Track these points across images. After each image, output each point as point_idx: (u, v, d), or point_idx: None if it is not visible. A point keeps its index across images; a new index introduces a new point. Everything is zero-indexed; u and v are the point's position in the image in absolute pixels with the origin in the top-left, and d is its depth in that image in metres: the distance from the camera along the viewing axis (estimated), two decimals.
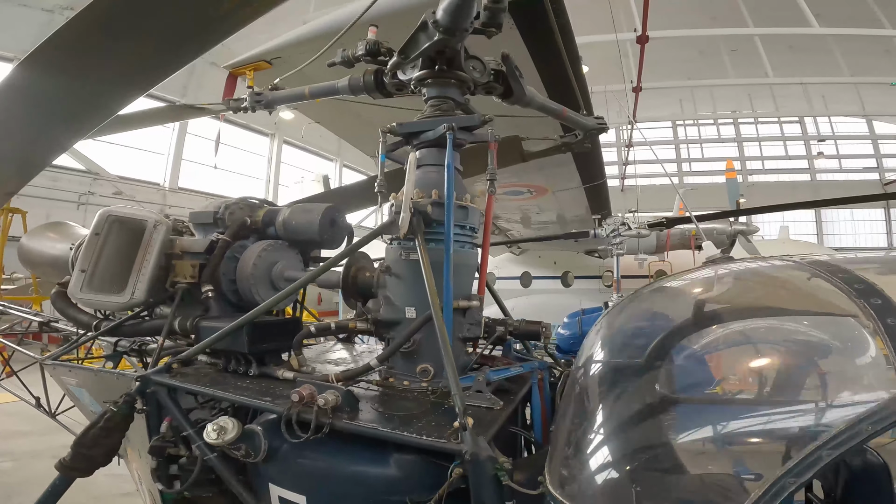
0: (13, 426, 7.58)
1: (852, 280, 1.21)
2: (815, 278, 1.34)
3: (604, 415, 1.54)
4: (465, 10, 1.79)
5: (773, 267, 1.59)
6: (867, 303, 1.11)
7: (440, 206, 1.94)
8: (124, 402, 1.90)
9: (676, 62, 22.42)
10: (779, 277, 1.58)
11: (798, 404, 1.29)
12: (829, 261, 1.39)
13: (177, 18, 1.64)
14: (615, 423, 1.51)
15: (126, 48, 1.75)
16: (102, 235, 2.31)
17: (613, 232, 7.19)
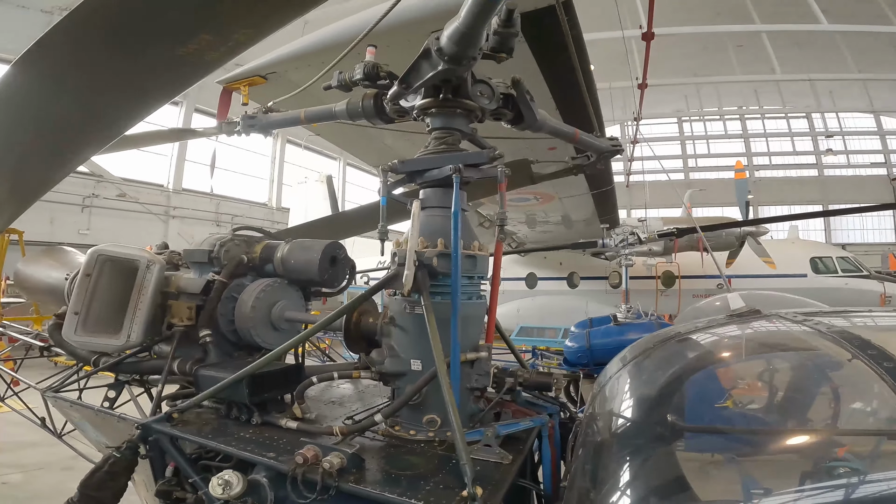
0: (21, 436, 7.46)
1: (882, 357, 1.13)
2: (843, 356, 1.24)
3: (621, 482, 1.45)
4: (473, 38, 1.66)
5: (799, 337, 1.49)
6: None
7: (447, 258, 1.83)
8: (127, 448, 1.90)
9: (682, 58, 22.18)
10: (807, 352, 1.48)
11: (825, 482, 1.20)
12: (857, 333, 1.29)
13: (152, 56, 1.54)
14: (635, 492, 1.42)
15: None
16: (94, 276, 2.22)
17: (622, 242, 7.06)
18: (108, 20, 1.34)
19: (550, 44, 3.27)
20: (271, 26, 1.51)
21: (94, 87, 1.64)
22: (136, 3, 1.30)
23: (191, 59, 1.55)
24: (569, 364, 5.57)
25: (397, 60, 2.25)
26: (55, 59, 1.50)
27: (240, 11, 1.43)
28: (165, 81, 1.74)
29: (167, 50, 1.52)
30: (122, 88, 1.70)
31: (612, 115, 24.52)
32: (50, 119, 1.75)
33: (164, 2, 1.33)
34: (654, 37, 12.01)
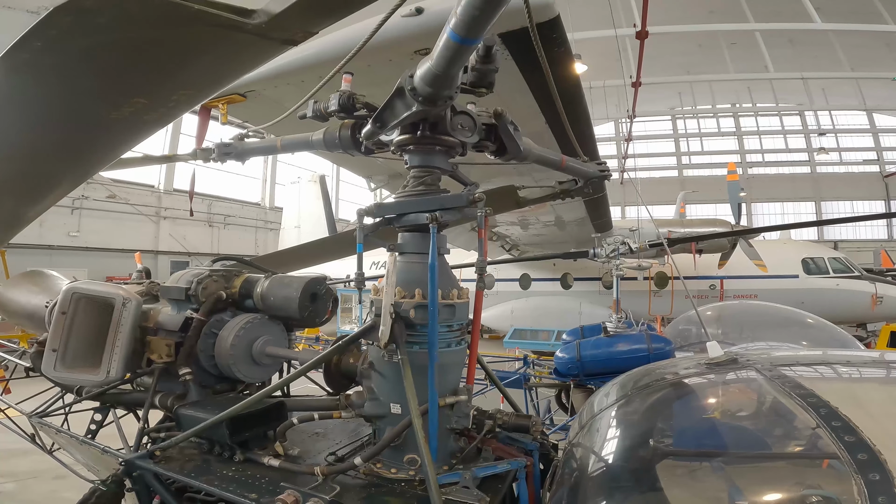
0: (11, 444, 7.41)
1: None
2: (807, 420, 1.28)
3: None
4: (447, 80, 1.60)
5: (765, 393, 1.53)
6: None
7: (424, 309, 1.81)
8: (112, 482, 1.93)
9: (675, 55, 22.21)
10: (768, 410, 1.52)
11: None
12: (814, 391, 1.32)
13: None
14: None
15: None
16: (69, 314, 2.20)
17: (613, 252, 7.08)
18: (38, 78, 1.29)
19: (535, 64, 3.24)
20: (211, 88, 1.47)
21: (32, 148, 1.60)
22: (66, 65, 1.24)
23: (126, 122, 1.50)
24: (559, 374, 5.59)
25: (380, 80, 2.17)
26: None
27: (174, 74, 1.37)
28: (102, 144, 1.70)
29: (101, 112, 1.47)
30: (57, 151, 1.66)
31: (605, 113, 24.59)
32: (9, 169, 1.72)
33: (91, 66, 1.28)
34: (649, 35, 11.98)
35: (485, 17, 1.28)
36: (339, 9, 1.15)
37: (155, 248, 21.75)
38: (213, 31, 1.12)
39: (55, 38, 1.08)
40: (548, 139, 4.64)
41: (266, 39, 1.16)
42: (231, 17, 1.08)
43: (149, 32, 1.15)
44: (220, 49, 1.24)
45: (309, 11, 1.13)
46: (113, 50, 1.20)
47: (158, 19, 1.07)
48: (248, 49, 1.24)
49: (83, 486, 5.53)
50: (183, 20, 1.06)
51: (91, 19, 1.05)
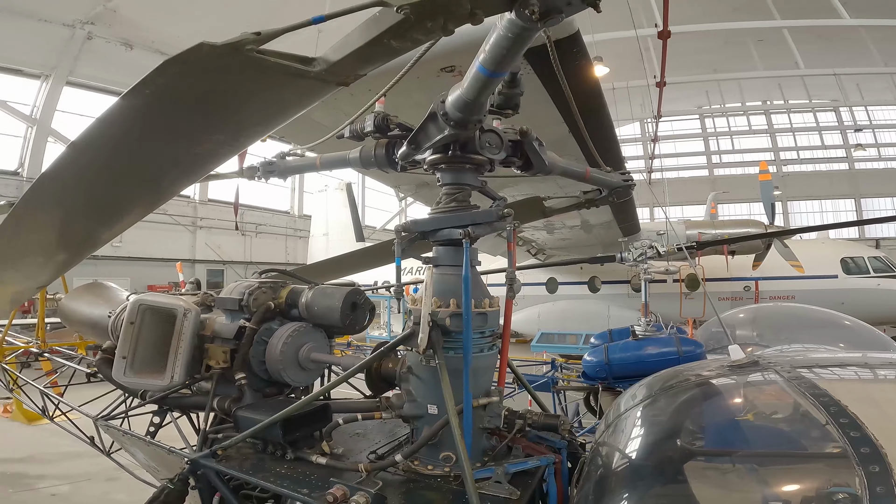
0: (66, 447, 7.73)
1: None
2: (819, 418, 1.36)
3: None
4: (477, 106, 1.76)
5: (782, 394, 1.61)
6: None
7: (459, 317, 1.96)
8: (179, 481, 2.10)
9: (700, 54, 21.76)
10: (783, 411, 1.60)
11: None
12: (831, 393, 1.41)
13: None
14: None
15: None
16: (137, 324, 2.42)
17: (641, 256, 7.07)
18: (139, 120, 1.51)
19: (556, 77, 3.35)
20: (276, 123, 1.67)
21: (114, 177, 1.84)
22: (164, 108, 1.46)
23: (203, 154, 1.74)
24: (587, 378, 5.65)
25: (408, 95, 2.30)
26: (102, 145, 1.68)
27: (249, 113, 1.58)
28: (178, 174, 1.95)
29: (184, 148, 1.70)
30: (137, 182, 1.91)
31: (630, 114, 24.30)
32: (94, 194, 1.95)
33: (184, 109, 1.50)
34: (671, 35, 11.87)
35: (511, 56, 1.44)
36: (384, 56, 1.32)
37: (192, 256, 22.55)
38: (282, 78, 1.31)
39: (160, 85, 1.29)
40: (571, 146, 4.72)
41: (324, 82, 1.35)
42: (297, 66, 1.27)
43: (231, 80, 1.35)
44: (287, 92, 1.44)
45: (360, 59, 1.30)
46: (203, 95, 1.42)
47: (240, 69, 1.27)
48: (310, 90, 1.43)
49: (134, 488, 5.82)
50: (259, 70, 1.25)
51: (190, 70, 1.25)
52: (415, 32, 1.19)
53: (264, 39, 1.19)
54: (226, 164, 3.76)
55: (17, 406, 9.39)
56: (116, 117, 1.47)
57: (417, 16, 1.13)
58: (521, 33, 1.31)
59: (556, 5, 1.16)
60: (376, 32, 1.20)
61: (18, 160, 19.06)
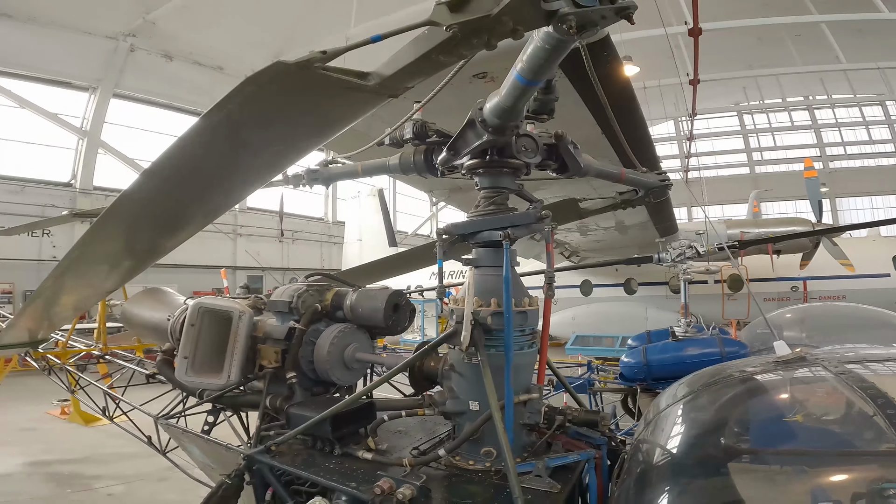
0: (119, 448, 8.14)
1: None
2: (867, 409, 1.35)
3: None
4: (515, 112, 1.84)
5: (830, 388, 1.59)
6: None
7: (500, 316, 2.03)
8: (235, 476, 2.20)
9: (734, 50, 21.11)
10: (831, 404, 1.58)
11: None
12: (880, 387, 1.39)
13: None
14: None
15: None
16: (197, 326, 2.59)
17: (679, 256, 6.90)
18: (213, 138, 1.67)
19: (588, 80, 3.38)
20: (331, 133, 1.80)
21: (179, 189, 2.01)
22: (238, 122, 1.61)
23: (264, 165, 1.91)
24: (625, 379, 5.58)
25: (441, 101, 2.40)
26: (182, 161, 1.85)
27: (309, 124, 1.73)
28: (239, 185, 2.12)
29: (248, 158, 1.86)
30: (200, 192, 2.08)
31: (663, 113, 23.77)
32: (163, 203, 2.12)
33: (254, 122, 1.65)
34: (702, 32, 11.62)
35: (548, 66, 1.52)
36: (432, 70, 1.44)
37: (233, 263, 23.35)
38: (341, 92, 1.44)
39: (239, 102, 1.43)
40: (604, 148, 4.71)
41: (377, 95, 1.47)
42: (355, 80, 1.39)
43: (298, 94, 1.49)
44: (344, 104, 1.57)
45: (410, 73, 1.42)
46: (272, 109, 1.57)
47: (307, 85, 1.41)
48: (363, 102, 1.55)
49: (184, 488, 6.07)
50: (323, 84, 1.39)
51: (265, 86, 1.39)
52: (461, 48, 1.29)
53: (330, 57, 1.31)
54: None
55: (75, 408, 9.90)
56: (194, 136, 1.62)
57: (464, 33, 1.22)
58: (557, 45, 1.39)
59: (591, 19, 1.22)
60: (426, 49, 1.31)
61: (71, 172, 20.05)
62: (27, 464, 7.54)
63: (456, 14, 1.20)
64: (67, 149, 20.06)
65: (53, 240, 18.32)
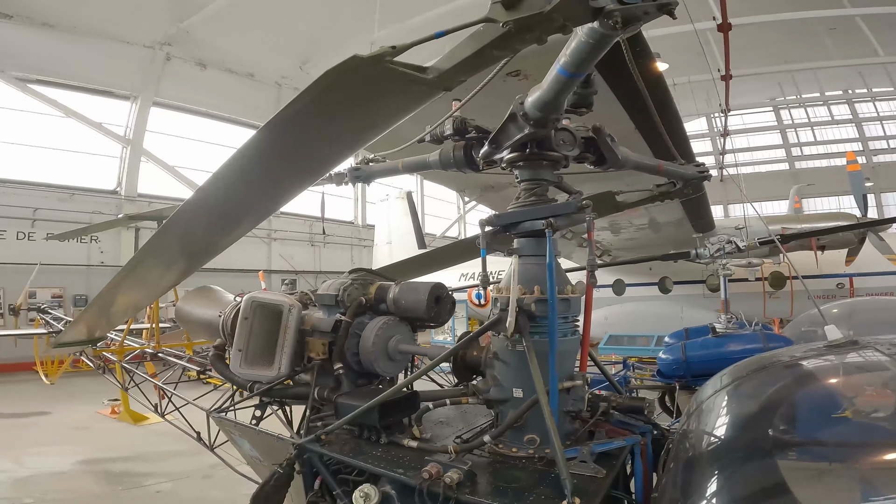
0: (166, 446, 8.56)
1: None
2: None
3: (714, 493, 1.58)
4: (557, 105, 1.90)
5: (887, 368, 1.56)
6: None
7: (543, 303, 2.07)
8: (287, 465, 2.27)
9: (767, 45, 20.49)
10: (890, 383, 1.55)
11: None
12: None
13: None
14: (728, 495, 1.55)
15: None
16: (250, 319, 2.72)
17: (719, 251, 6.72)
18: (284, 132, 1.79)
19: (621, 75, 3.38)
20: (387, 126, 1.89)
21: (237, 189, 2.13)
22: (309, 118, 1.72)
23: (323, 159, 2.02)
24: (663, 376, 5.48)
25: (476, 99, 2.48)
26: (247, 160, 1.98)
27: (370, 116, 1.84)
28: (296, 181, 2.22)
29: (311, 154, 1.96)
30: (257, 190, 2.19)
31: (695, 109, 23.20)
32: (224, 204, 2.25)
33: (322, 118, 1.76)
34: (732, 27, 11.38)
35: (591, 59, 1.59)
36: (485, 64, 1.53)
37: (268, 267, 23.95)
38: (403, 85, 1.52)
39: (317, 95, 1.54)
40: (637, 142, 4.68)
41: (433, 88, 1.56)
42: (416, 74, 1.48)
43: (367, 88, 1.59)
44: (404, 97, 1.66)
45: (466, 67, 1.50)
46: (343, 102, 1.67)
47: (376, 78, 1.50)
48: (421, 95, 1.64)
49: (228, 485, 6.28)
50: (390, 78, 1.47)
51: (340, 80, 1.49)
52: (514, 43, 1.37)
53: (398, 52, 1.40)
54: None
55: (125, 407, 10.35)
56: (265, 133, 1.75)
57: (518, 29, 1.31)
58: (601, 40, 1.46)
59: (634, 15, 1.29)
60: (482, 44, 1.40)
61: (116, 179, 20.89)
62: (80, 462, 7.88)
63: (511, 11, 1.28)
64: (112, 157, 20.89)
65: (101, 245, 19.20)
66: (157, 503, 6.49)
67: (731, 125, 21.58)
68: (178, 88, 21.60)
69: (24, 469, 7.47)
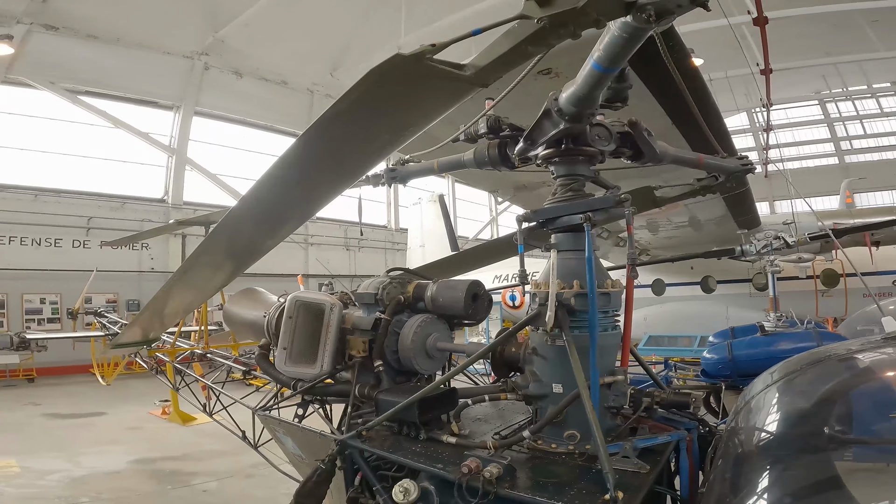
0: (212, 446, 8.93)
1: None
2: None
3: (767, 490, 1.52)
4: (591, 100, 1.90)
5: None
6: None
7: (583, 297, 2.06)
8: (329, 461, 2.31)
9: (808, 38, 19.60)
10: None
11: None
12: None
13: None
14: (778, 497, 1.50)
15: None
16: (294, 318, 2.81)
17: (766, 248, 6.42)
18: (330, 132, 1.86)
19: (655, 70, 3.32)
20: (427, 123, 1.93)
21: (282, 191, 2.20)
22: (351, 116, 1.78)
23: (363, 157, 2.08)
24: (707, 376, 5.28)
25: (508, 99, 2.51)
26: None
27: (410, 112, 1.87)
28: (337, 180, 2.28)
29: (353, 153, 2.03)
30: (301, 191, 2.26)
31: (734, 104, 22.39)
32: (269, 208, 2.35)
33: (366, 115, 1.82)
34: (768, 21, 10.97)
35: (624, 53, 1.59)
36: (520, 59, 1.55)
37: (305, 271, 24.54)
38: (441, 82, 1.57)
39: (362, 92, 1.60)
40: (673, 137, 4.58)
41: (470, 84, 1.60)
42: (455, 70, 1.53)
43: (407, 85, 1.65)
44: (442, 94, 1.71)
45: (502, 63, 1.53)
46: (386, 98, 1.73)
47: (417, 75, 1.54)
48: (458, 92, 1.68)
49: (270, 484, 6.48)
50: (429, 75, 1.52)
51: (384, 77, 1.54)
52: (549, 39, 1.39)
53: (438, 50, 1.45)
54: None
55: (175, 408, 10.84)
56: (311, 135, 1.82)
57: (553, 25, 1.33)
58: (634, 34, 1.46)
59: (668, 8, 1.29)
60: (517, 41, 1.43)
61: (163, 188, 21.82)
62: (133, 461, 8.27)
63: (545, 8, 1.31)
64: (158, 166, 21.83)
65: (151, 252, 20.14)
66: (203, 501, 6.76)
67: (774, 120, 20.73)
68: (216, 97, 22.35)
69: (81, 468, 7.87)
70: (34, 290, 18.04)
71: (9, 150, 18.37)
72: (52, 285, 18.04)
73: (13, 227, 17.73)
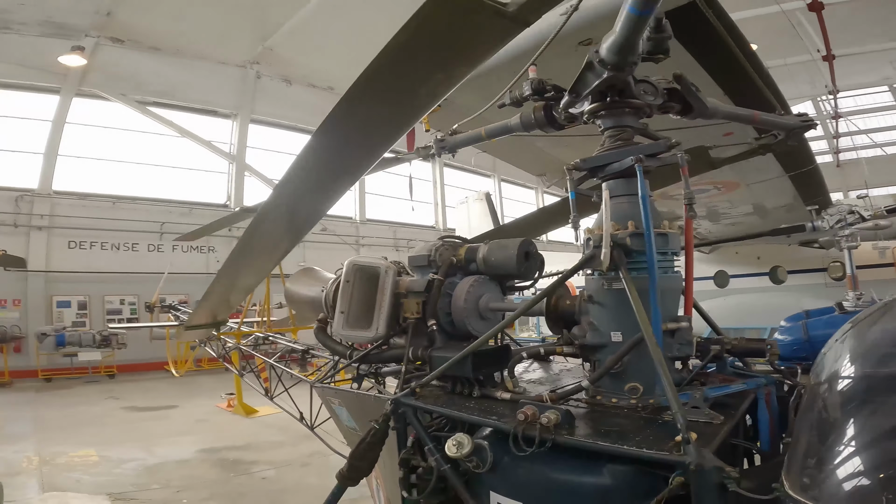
0: (271, 436, 9.42)
1: None
2: None
3: (858, 428, 1.41)
4: (631, 47, 1.86)
5: None
6: None
7: (639, 237, 1.98)
8: (383, 421, 2.29)
9: (870, 23, 18.06)
10: None
11: None
12: None
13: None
14: (871, 435, 1.38)
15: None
16: (351, 282, 2.91)
17: (839, 223, 5.95)
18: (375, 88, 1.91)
19: (699, 37, 3.20)
20: (468, 69, 1.97)
21: (358, 144, 2.28)
22: (404, 56, 1.83)
23: (418, 101, 2.10)
24: (781, 359, 4.91)
25: (549, 72, 2.49)
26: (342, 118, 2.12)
27: (449, 57, 1.91)
28: (395, 126, 2.32)
29: (407, 94, 2.08)
30: (358, 143, 2.34)
31: (797, 92, 20.99)
32: (323, 163, 2.44)
33: (419, 51, 1.86)
34: (824, 7, 10.23)
35: None
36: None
37: None
38: (485, 19, 1.59)
39: (413, 27, 1.63)
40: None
41: (513, 22, 1.60)
42: (497, 5, 1.54)
43: (455, 22, 1.67)
44: (486, 32, 1.72)
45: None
46: (437, 35, 1.76)
47: (463, 12, 1.58)
48: (500, 30, 1.68)
49: (323, 472, 6.76)
50: (474, 10, 1.55)
51: (433, 12, 1.58)
52: None
53: None
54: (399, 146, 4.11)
55: (238, 400, 11.52)
56: (362, 83, 1.88)
57: None
58: None
59: None
60: None
61: (226, 193, 23.15)
62: (200, 451, 8.84)
63: None
64: (221, 173, 23.19)
65: (217, 255, 21.33)
66: (262, 488, 7.15)
67: (842, 107, 19.22)
68: (269, 105, 23.41)
69: (154, 457, 8.48)
70: (114, 293, 19.58)
71: (88, 161, 20.07)
72: (130, 287, 19.54)
73: (95, 233, 19.34)
